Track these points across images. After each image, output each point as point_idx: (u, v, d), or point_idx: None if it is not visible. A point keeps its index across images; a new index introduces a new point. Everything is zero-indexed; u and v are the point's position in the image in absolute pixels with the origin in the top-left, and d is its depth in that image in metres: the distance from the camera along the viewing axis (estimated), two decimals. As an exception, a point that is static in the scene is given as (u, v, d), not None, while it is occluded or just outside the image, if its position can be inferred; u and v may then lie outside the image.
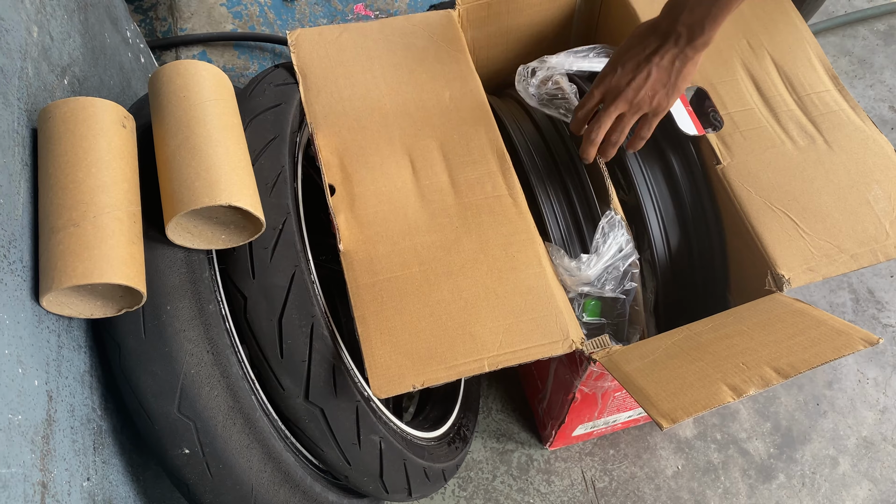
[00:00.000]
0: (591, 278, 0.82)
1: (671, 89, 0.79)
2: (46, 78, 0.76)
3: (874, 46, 1.65)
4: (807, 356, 0.64)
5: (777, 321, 0.72)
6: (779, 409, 1.25)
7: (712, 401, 0.62)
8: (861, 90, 1.59)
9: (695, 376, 0.66)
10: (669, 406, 0.62)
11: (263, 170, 0.81)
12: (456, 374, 0.74)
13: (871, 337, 0.65)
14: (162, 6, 1.53)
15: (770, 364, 0.65)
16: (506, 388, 1.27)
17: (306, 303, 0.77)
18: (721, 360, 0.67)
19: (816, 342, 0.66)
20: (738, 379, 0.64)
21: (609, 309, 0.90)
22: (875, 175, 0.86)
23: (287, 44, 1.51)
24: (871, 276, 1.38)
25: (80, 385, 0.69)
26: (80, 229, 0.63)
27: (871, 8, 1.67)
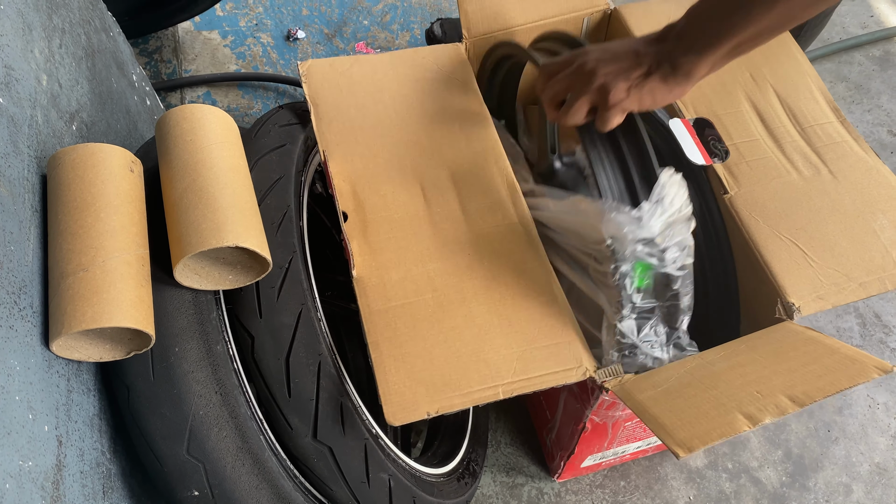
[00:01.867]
0: (653, 232, 0.76)
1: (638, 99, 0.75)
2: (55, 125, 0.77)
3: (870, 72, 1.66)
4: (822, 384, 0.64)
5: (790, 349, 0.72)
6: (790, 437, 1.24)
7: (728, 430, 0.62)
8: (859, 115, 1.60)
9: (710, 405, 0.66)
10: (685, 435, 0.62)
11: (269, 209, 0.81)
12: (471, 402, 0.74)
13: (886, 365, 0.65)
14: (167, 48, 1.56)
15: (785, 392, 0.65)
16: (514, 421, 1.26)
17: (313, 341, 0.77)
18: (735, 389, 0.67)
19: (831, 370, 0.66)
20: (753, 408, 0.64)
21: (661, 290, 0.81)
22: (880, 205, 0.87)
23: (293, 83, 1.54)
24: (877, 301, 1.38)
25: (89, 429, 0.70)
26: (90, 274, 0.63)
27: (866, 34, 1.69)
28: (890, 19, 1.75)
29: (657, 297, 0.81)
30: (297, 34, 1.62)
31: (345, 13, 1.68)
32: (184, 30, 1.60)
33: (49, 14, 0.82)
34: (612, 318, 0.81)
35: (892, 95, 1.63)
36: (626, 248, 0.76)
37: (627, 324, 0.80)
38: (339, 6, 1.69)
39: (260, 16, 1.65)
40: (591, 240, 0.80)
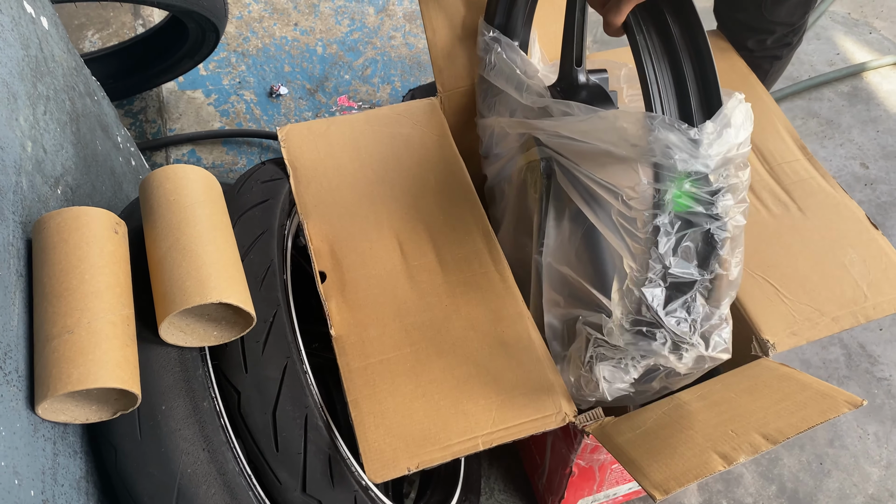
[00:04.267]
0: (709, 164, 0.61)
1: None
2: (40, 190, 0.78)
3: (840, 107, 1.71)
4: (793, 420, 0.65)
5: (763, 387, 0.73)
6: (783, 471, 1.24)
7: (703, 470, 0.62)
8: (832, 149, 1.64)
9: (685, 446, 0.66)
10: (661, 477, 0.63)
11: (253, 264, 0.83)
12: (451, 455, 0.74)
13: (855, 399, 0.66)
14: (151, 109, 1.59)
15: (758, 430, 0.65)
16: (507, 467, 1.26)
17: (299, 394, 0.78)
18: (710, 429, 0.68)
19: (802, 406, 0.67)
20: (727, 447, 0.64)
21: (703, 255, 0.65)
22: (849, 239, 0.89)
23: (275, 138, 1.57)
24: (861, 331, 1.39)
25: (76, 492, 0.69)
26: (75, 336, 0.64)
27: (833, 71, 1.74)
28: (855, 56, 1.80)
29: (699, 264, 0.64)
30: (280, 90, 1.65)
31: (326, 68, 1.72)
32: (168, 90, 1.63)
33: (34, 82, 0.84)
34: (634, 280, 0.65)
35: (863, 129, 1.67)
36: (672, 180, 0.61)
37: (652, 291, 0.64)
38: (321, 62, 1.73)
39: (243, 74, 1.69)
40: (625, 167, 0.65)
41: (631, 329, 0.67)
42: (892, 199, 1.56)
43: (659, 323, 0.64)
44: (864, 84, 1.76)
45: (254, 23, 1.79)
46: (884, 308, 0.84)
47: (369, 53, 1.76)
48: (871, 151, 1.63)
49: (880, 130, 1.67)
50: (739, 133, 0.62)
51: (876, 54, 1.81)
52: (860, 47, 1.83)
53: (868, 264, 0.87)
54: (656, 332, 0.65)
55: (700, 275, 0.64)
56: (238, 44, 1.74)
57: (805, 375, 0.74)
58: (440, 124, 1.01)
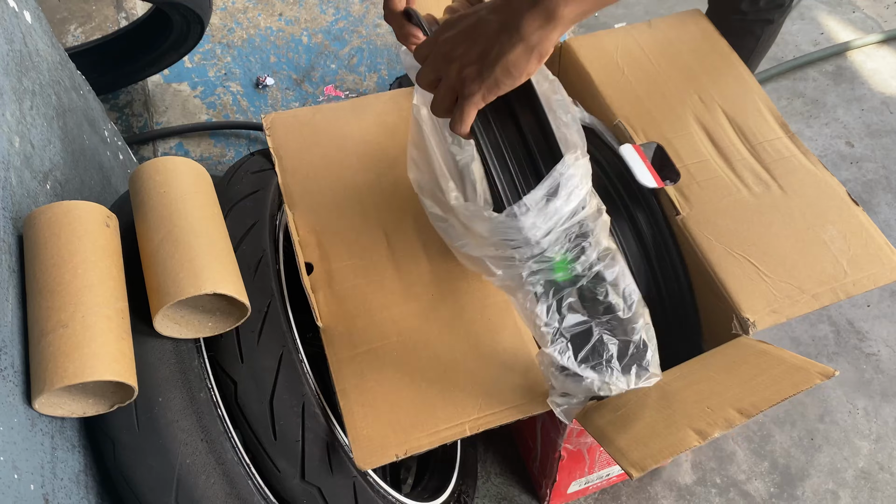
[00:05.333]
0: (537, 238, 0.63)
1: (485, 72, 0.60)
2: (29, 185, 0.78)
3: (825, 87, 1.72)
4: (767, 394, 0.66)
5: (741, 363, 0.74)
6: (774, 448, 1.26)
7: (679, 446, 0.63)
8: (817, 129, 1.65)
9: (663, 424, 0.67)
10: (639, 455, 0.64)
11: (246, 255, 0.83)
12: (438, 441, 0.75)
13: (827, 370, 0.67)
14: (137, 102, 1.58)
15: (733, 406, 0.66)
16: (503, 451, 1.27)
17: (296, 382, 0.78)
18: (688, 406, 0.69)
19: (777, 380, 0.68)
20: (703, 423, 0.65)
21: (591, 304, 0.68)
22: (829, 216, 0.90)
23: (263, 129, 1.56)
24: (849, 308, 1.41)
25: (75, 485, 0.69)
26: (69, 330, 0.64)
27: (818, 51, 1.75)
28: (839, 35, 1.81)
29: (588, 312, 0.67)
30: (266, 81, 1.64)
31: (312, 58, 1.71)
32: (153, 83, 1.62)
33: (19, 77, 0.84)
34: (542, 342, 0.69)
35: (848, 108, 1.68)
36: (520, 268, 0.64)
37: (558, 347, 0.67)
38: (307, 52, 1.72)
39: (228, 65, 1.68)
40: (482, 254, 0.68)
41: (560, 374, 0.69)
42: (877, 176, 1.57)
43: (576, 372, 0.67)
44: (848, 63, 1.77)
45: (238, 14, 1.78)
46: (863, 284, 0.85)
47: (355, 42, 1.75)
48: (857, 130, 1.64)
49: (865, 109, 1.68)
50: (570, 199, 0.63)
51: (860, 33, 1.82)
52: (844, 26, 1.84)
53: (848, 240, 0.88)
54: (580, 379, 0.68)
55: (593, 320, 0.67)
56: (223, 35, 1.73)
57: (781, 350, 0.75)
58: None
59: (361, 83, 1.69)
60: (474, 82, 0.60)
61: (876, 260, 0.87)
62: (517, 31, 0.57)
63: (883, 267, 0.87)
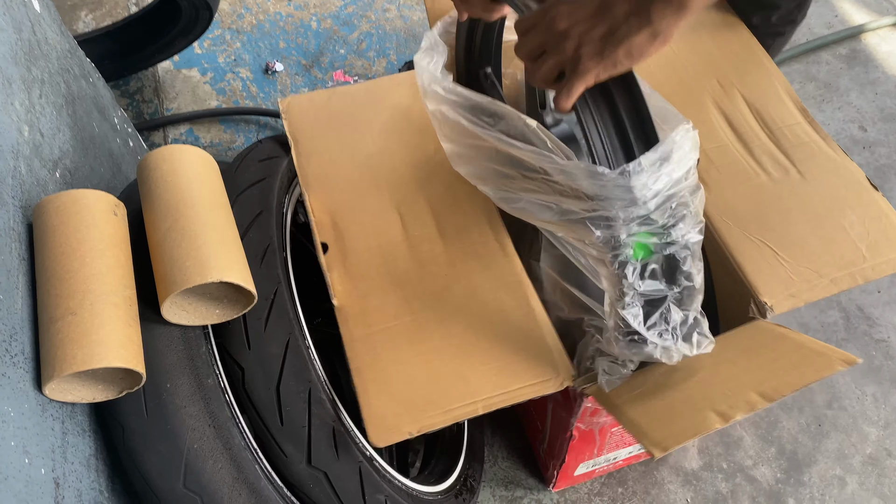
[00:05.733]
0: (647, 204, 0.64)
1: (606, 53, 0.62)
2: (39, 174, 0.79)
3: (838, 70, 1.70)
4: (790, 379, 0.67)
5: (760, 347, 0.75)
6: (782, 433, 1.26)
7: (701, 428, 0.64)
8: (830, 113, 1.63)
9: (683, 405, 0.68)
10: (660, 435, 0.64)
11: (252, 243, 0.83)
12: (451, 419, 0.76)
13: (850, 357, 0.67)
14: (147, 89, 1.59)
15: (755, 389, 0.67)
16: (510, 435, 1.27)
17: (302, 369, 0.79)
18: (708, 388, 0.69)
19: (797, 365, 0.68)
20: (724, 405, 0.66)
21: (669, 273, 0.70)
22: (848, 201, 0.89)
23: (273, 115, 1.57)
24: (859, 294, 1.40)
25: (86, 469, 0.71)
26: (78, 317, 0.65)
27: (832, 34, 1.73)
28: (854, 18, 1.79)
29: (667, 280, 0.69)
30: (276, 67, 1.64)
31: (321, 43, 1.71)
32: (163, 69, 1.63)
33: (28, 66, 0.84)
34: (616, 305, 0.71)
35: (861, 92, 1.66)
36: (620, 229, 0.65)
37: (632, 311, 0.70)
38: (316, 37, 1.72)
39: (238, 51, 1.68)
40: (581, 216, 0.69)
41: (623, 339, 0.70)
42: (890, 161, 1.55)
43: (644, 336, 0.69)
44: (862, 46, 1.74)
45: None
46: (882, 269, 0.84)
47: (364, 27, 1.75)
48: (870, 114, 1.63)
49: (879, 92, 1.66)
50: (680, 166, 0.64)
51: (874, 15, 1.79)
52: (858, 9, 1.81)
53: (867, 226, 0.87)
54: (645, 342, 0.70)
55: (669, 290, 0.69)
56: (232, 21, 1.73)
57: (800, 335, 0.75)
58: (438, 95, 1.01)
59: (370, 68, 1.69)
60: (592, 59, 0.62)
61: (895, 245, 0.87)
62: (647, 16, 0.59)
63: None
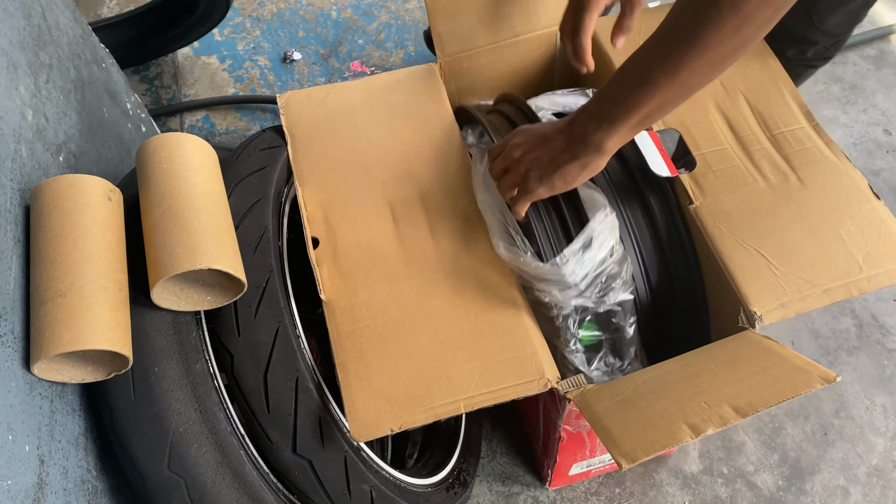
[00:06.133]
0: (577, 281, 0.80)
1: (545, 178, 0.79)
2: (41, 157, 0.81)
3: (865, 72, 1.66)
4: (766, 394, 0.65)
5: (743, 359, 0.73)
6: (786, 441, 1.24)
7: (671, 440, 0.63)
8: (854, 115, 1.60)
9: (658, 416, 0.67)
10: (630, 446, 0.64)
11: (247, 231, 0.84)
12: (433, 417, 0.76)
13: (829, 375, 0.65)
14: (166, 74, 1.61)
15: (730, 403, 0.66)
16: (510, 430, 1.27)
17: (291, 357, 0.80)
18: (685, 400, 0.68)
19: (777, 380, 0.67)
20: (698, 418, 0.65)
21: (605, 323, 0.88)
22: (848, 210, 0.87)
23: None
24: (874, 301, 1.37)
25: (74, 448, 0.73)
26: (67, 299, 0.67)
27: (860, 34, 1.69)
28: (884, 18, 1.74)
29: (602, 330, 0.87)
30: (294, 56, 1.66)
31: (340, 33, 1.72)
32: (183, 55, 1.65)
33: (36, 52, 0.86)
34: (563, 349, 0.86)
35: (888, 94, 1.62)
36: (562, 307, 0.83)
37: (578, 357, 0.85)
38: (335, 27, 1.73)
39: (257, 39, 1.69)
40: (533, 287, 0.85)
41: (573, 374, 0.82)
42: (914, 166, 1.52)
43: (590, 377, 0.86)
44: (891, 47, 1.70)
45: (269, -13, 1.79)
46: (879, 280, 0.82)
47: (384, 17, 1.75)
48: (896, 117, 1.59)
49: (906, 96, 1.62)
50: (602, 248, 0.82)
51: (907, 16, 1.74)
52: (890, 8, 1.77)
53: (866, 235, 0.85)
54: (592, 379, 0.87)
55: (605, 338, 0.88)
56: (253, 8, 1.75)
57: (785, 349, 0.73)
58: (438, 91, 1.01)
59: (388, 59, 1.69)
60: (536, 182, 0.79)
61: (894, 256, 0.84)
62: (574, 153, 0.76)
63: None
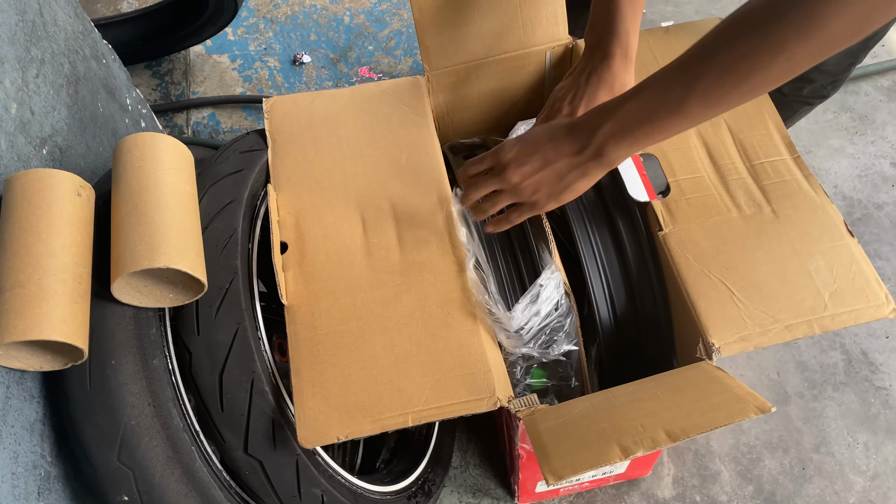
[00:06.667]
0: (523, 336, 0.84)
1: (554, 196, 0.78)
2: (22, 149, 0.83)
3: (877, 103, 1.63)
4: (701, 421, 0.65)
5: (690, 387, 0.73)
6: (762, 472, 1.23)
7: (601, 460, 0.64)
8: (862, 146, 1.57)
9: (594, 436, 0.67)
10: (560, 463, 0.64)
11: (216, 232, 0.86)
12: (380, 428, 0.77)
13: (765, 405, 0.65)
14: (177, 71, 1.64)
15: (664, 427, 0.66)
16: (486, 443, 1.28)
17: (248, 359, 0.81)
18: (624, 422, 0.69)
19: (715, 408, 0.67)
20: (630, 440, 0.65)
21: (553, 371, 0.92)
22: (820, 245, 0.86)
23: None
24: (865, 337, 1.35)
25: (28, 433, 0.75)
26: (25, 290, 0.69)
27: (875, 64, 1.66)
28: (902, 49, 1.71)
29: (550, 377, 0.93)
30: (303, 59, 1.68)
31: (351, 38, 1.74)
32: (195, 53, 1.68)
33: (27, 46, 0.89)
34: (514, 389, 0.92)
35: (898, 127, 1.59)
36: (511, 354, 0.88)
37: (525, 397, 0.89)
38: (346, 32, 1.75)
39: (269, 40, 1.72)
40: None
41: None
42: (919, 202, 1.49)
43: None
44: (907, 79, 1.67)
45: (286, -11, 1.82)
46: (843, 319, 0.81)
47: (395, 25, 1.77)
48: (905, 151, 1.56)
49: (918, 129, 1.59)
50: (547, 303, 0.87)
51: (925, 48, 1.71)
52: (908, 39, 1.74)
53: (835, 272, 0.84)
54: None
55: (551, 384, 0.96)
56: (268, 10, 1.78)
57: (731, 379, 0.73)
58: (422, 104, 1.02)
59: (396, 66, 1.70)
60: (546, 199, 0.78)
61: (861, 295, 0.84)
62: (584, 171, 0.75)
63: (868, 304, 0.83)
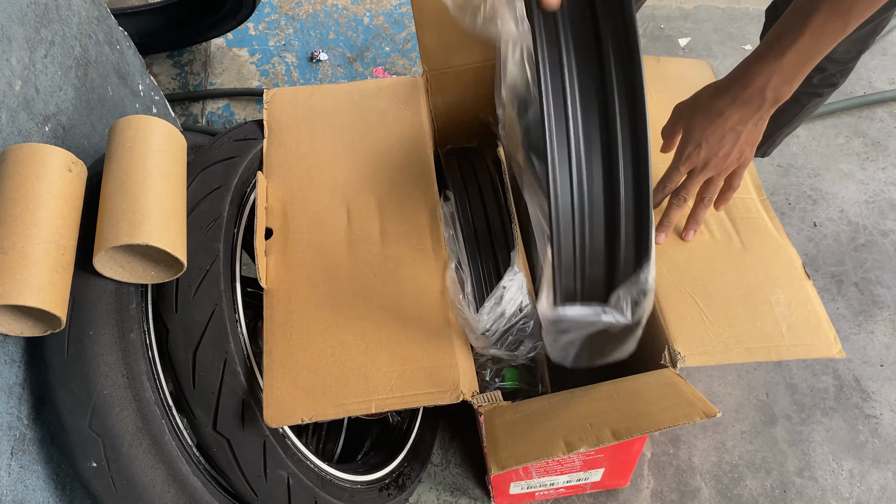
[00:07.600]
0: (489, 337, 0.85)
1: (754, 144, 0.84)
2: (24, 125, 0.87)
3: (891, 129, 1.62)
4: (646, 422, 0.67)
5: (646, 391, 0.74)
6: (742, 492, 1.22)
7: (545, 453, 0.65)
8: (872, 172, 1.56)
9: (544, 432, 0.69)
10: (506, 455, 0.66)
11: (202, 215, 0.89)
12: (344, 413, 0.79)
13: (712, 410, 0.66)
14: (197, 62, 1.69)
15: (611, 426, 0.67)
16: (468, 443, 1.29)
17: (222, 339, 0.84)
18: (574, 420, 0.70)
19: (663, 411, 0.68)
20: (576, 437, 0.66)
21: (524, 375, 0.93)
22: (780, 281, 0.89)
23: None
24: (859, 364, 1.34)
25: (6, 395, 0.78)
26: (8, 257, 0.72)
27: (892, 90, 1.64)
28: (921, 76, 1.69)
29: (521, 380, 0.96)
30: (320, 56, 1.71)
31: (369, 39, 1.77)
32: (216, 45, 1.73)
33: (37, 28, 0.93)
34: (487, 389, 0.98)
35: (911, 155, 1.57)
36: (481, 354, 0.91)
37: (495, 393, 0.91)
38: (365, 32, 1.78)
39: (289, 37, 1.76)
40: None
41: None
42: (926, 232, 1.47)
43: None
44: (924, 107, 1.65)
45: (311, -12, 1.86)
46: (797, 351, 0.84)
47: (413, 28, 1.79)
48: (916, 180, 1.54)
49: (931, 159, 1.57)
50: (511, 305, 0.87)
51: (946, 77, 1.69)
52: (930, 67, 1.71)
53: (793, 308, 0.87)
54: None
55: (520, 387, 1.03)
56: (290, 7, 1.82)
57: (686, 385, 0.74)
58: (418, 103, 1.04)
59: (411, 68, 1.73)
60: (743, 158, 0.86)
61: (814, 333, 0.87)
62: (761, 118, 0.82)
63: (818, 340, 0.86)
